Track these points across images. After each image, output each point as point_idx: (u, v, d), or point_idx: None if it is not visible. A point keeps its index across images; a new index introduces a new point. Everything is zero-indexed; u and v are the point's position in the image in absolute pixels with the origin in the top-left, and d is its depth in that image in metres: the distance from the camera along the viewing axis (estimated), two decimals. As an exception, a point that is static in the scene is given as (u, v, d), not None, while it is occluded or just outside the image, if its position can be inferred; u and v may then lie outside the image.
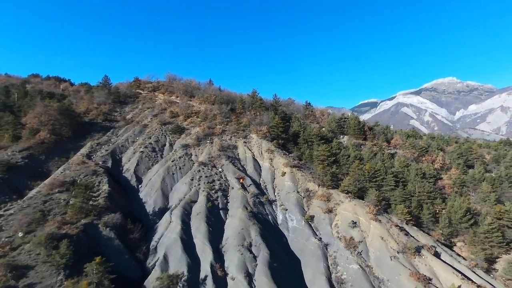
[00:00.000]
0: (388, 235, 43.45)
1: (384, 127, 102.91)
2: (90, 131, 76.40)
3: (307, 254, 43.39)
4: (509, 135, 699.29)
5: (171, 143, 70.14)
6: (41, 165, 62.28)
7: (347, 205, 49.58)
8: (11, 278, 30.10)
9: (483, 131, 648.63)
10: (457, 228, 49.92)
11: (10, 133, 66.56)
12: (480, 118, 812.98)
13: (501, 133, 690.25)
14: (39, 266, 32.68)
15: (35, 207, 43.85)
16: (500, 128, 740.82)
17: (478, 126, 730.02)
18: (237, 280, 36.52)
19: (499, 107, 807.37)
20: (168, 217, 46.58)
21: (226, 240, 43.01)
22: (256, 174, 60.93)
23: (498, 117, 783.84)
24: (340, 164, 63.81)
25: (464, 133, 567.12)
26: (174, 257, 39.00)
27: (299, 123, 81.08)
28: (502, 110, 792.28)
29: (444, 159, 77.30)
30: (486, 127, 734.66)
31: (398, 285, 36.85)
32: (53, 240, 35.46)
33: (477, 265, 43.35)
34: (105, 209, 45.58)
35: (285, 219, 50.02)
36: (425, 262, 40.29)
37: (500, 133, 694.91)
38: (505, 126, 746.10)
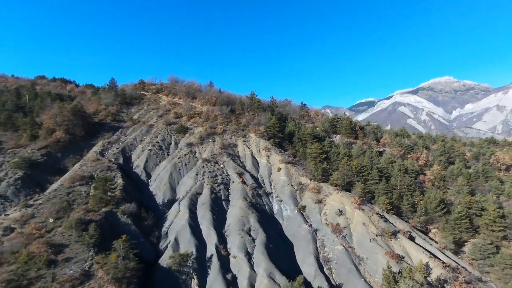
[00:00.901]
0: (369, 221, 49.88)
1: (375, 126, 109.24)
2: (101, 131, 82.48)
3: (299, 238, 49.81)
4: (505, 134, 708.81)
5: (176, 142, 76.26)
6: (58, 162, 68.42)
7: (335, 197, 55.99)
8: (51, 254, 36.27)
9: (479, 130, 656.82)
10: (432, 217, 56.47)
11: (28, 133, 72.41)
12: (477, 117, 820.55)
13: (497, 132, 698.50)
14: (72, 245, 38.91)
15: (61, 197, 49.97)
16: (496, 127, 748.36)
17: (474, 125, 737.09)
18: (238, 258, 42.83)
19: (495, 106, 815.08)
20: (176, 207, 52.83)
21: (228, 226, 49.32)
22: (254, 169, 67.26)
23: (494, 116, 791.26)
24: (331, 160, 70.13)
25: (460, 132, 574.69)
26: (184, 239, 45.24)
27: (294, 123, 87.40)
28: (498, 109, 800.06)
29: (427, 156, 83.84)
30: (482, 126, 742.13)
31: (375, 262, 43.31)
32: (82, 224, 41.69)
33: (446, 247, 49.92)
34: (121, 199, 51.76)
35: (280, 209, 56.41)
36: (400, 244, 46.77)
37: (496, 131, 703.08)
38: (501, 125, 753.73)
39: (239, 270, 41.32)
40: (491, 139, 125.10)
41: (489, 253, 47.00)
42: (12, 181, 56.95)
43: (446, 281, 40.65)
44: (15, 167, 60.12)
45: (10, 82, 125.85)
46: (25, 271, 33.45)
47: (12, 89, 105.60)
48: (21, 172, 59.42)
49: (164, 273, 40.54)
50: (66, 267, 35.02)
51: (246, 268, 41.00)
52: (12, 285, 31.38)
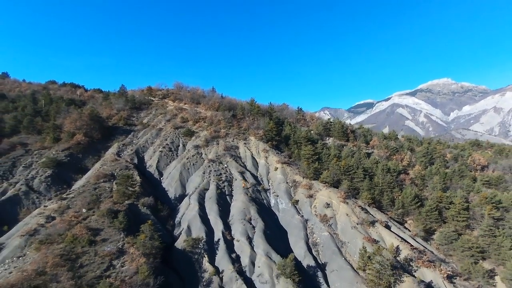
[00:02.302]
0: (352, 212, 58.62)
1: (366, 130, 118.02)
2: (115, 134, 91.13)
3: (292, 226, 58.55)
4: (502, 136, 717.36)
5: (184, 144, 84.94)
6: (80, 162, 77.09)
7: (324, 192, 64.74)
8: (91, 235, 44.91)
9: (476, 131, 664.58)
10: (408, 209, 65.25)
11: (51, 136, 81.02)
12: (474, 119, 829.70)
13: (494, 134, 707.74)
14: (106, 229, 47.59)
15: (89, 192, 58.66)
16: (493, 129, 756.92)
17: (471, 127, 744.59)
18: (241, 241, 51.50)
19: (492, 108, 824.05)
20: (187, 201, 61.50)
21: (232, 216, 58.02)
22: (254, 169, 76.00)
23: (491, 117, 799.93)
24: (322, 161, 78.81)
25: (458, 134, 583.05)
26: (195, 227, 53.90)
27: (290, 127, 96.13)
28: (495, 111, 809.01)
29: (411, 157, 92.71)
30: (479, 127, 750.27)
31: (355, 245, 52.02)
32: (111, 213, 50.39)
33: (417, 235, 58.71)
34: (140, 194, 60.41)
35: (277, 203, 65.13)
36: (376, 231, 55.51)
37: (493, 133, 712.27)
38: (498, 126, 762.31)
39: (242, 251, 50.02)
40: (475, 141, 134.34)
41: (452, 239, 55.76)
42: (43, 178, 65.68)
43: (412, 259, 49.42)
44: (44, 166, 68.74)
45: (23, 87, 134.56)
46: (72, 248, 42.14)
47: (28, 94, 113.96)
48: (49, 170, 68.09)
49: (180, 253, 49.21)
50: (104, 246, 43.74)
51: (248, 249, 49.73)
52: (64, 258, 40.02)
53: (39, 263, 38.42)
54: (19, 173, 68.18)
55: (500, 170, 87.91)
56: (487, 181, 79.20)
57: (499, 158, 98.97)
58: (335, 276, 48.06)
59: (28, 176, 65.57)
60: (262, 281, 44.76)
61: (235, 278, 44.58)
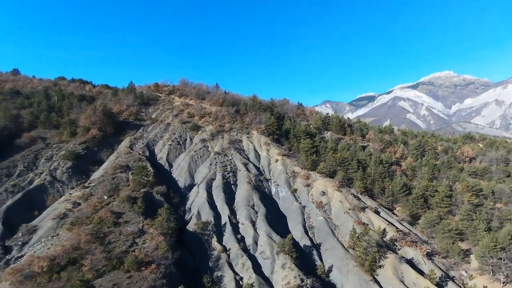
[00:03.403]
0: (345, 199, 64.99)
1: (362, 124, 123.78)
2: (126, 128, 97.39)
3: (291, 212, 65.04)
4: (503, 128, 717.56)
5: (191, 138, 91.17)
6: (95, 154, 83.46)
7: (320, 181, 71.05)
8: (114, 218, 51.52)
9: (477, 124, 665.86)
10: (397, 197, 71.54)
11: (68, 130, 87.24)
12: (475, 112, 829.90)
13: (495, 127, 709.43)
14: (126, 213, 54.21)
15: (109, 181, 65.23)
16: (494, 122, 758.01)
17: (473, 120, 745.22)
18: (245, 224, 58.05)
19: (494, 100, 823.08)
20: (196, 189, 68.00)
21: (237, 203, 64.50)
22: (257, 160, 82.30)
23: (492, 110, 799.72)
24: (319, 153, 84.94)
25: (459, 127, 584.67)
26: (204, 212, 60.42)
27: (291, 122, 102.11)
28: (496, 104, 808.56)
29: (404, 150, 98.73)
30: (480, 120, 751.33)
31: (346, 228, 58.48)
32: (130, 199, 56.99)
33: (404, 219, 65.18)
34: (154, 183, 66.90)
35: (277, 191, 71.55)
36: (366, 215, 61.92)
37: (494, 126, 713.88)
38: (499, 119, 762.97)
39: (246, 232, 56.58)
40: (468, 134, 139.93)
41: (434, 223, 62.12)
42: (64, 169, 72.25)
43: (396, 240, 55.89)
44: (64, 158, 75.23)
45: (35, 83, 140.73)
46: (99, 228, 48.75)
47: (41, 90, 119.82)
48: (70, 162, 74.59)
49: (191, 235, 55.82)
50: (127, 226, 50.39)
51: (251, 231, 56.29)
52: (94, 236, 46.65)
53: (73, 240, 45.08)
54: (42, 164, 74.73)
55: (487, 161, 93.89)
56: (474, 171, 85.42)
57: (489, 151, 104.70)
58: (328, 254, 54.66)
59: (51, 167, 72.11)
60: (264, 257, 51.35)
61: (240, 255, 51.20)
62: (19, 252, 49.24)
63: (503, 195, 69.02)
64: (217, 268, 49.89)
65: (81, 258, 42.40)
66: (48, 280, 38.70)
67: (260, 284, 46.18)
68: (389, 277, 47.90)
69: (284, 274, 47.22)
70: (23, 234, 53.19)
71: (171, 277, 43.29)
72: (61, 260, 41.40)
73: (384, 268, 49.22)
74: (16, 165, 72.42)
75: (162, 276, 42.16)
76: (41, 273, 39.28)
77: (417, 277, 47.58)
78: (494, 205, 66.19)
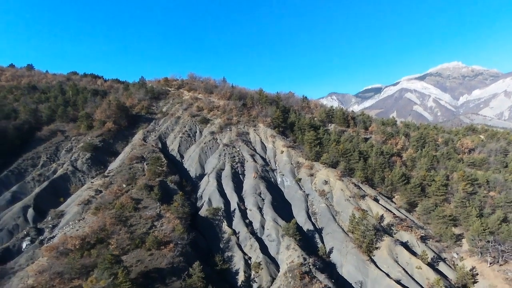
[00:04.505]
0: (346, 188, 69.40)
1: (366, 116, 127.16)
2: (138, 122, 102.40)
3: (295, 200, 69.72)
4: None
5: (200, 131, 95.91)
6: (111, 146, 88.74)
7: (323, 171, 75.42)
8: (134, 204, 56.71)
9: (485, 116, 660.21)
10: (396, 186, 75.69)
11: (85, 124, 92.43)
12: (484, 103, 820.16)
13: (504, 118, 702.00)
14: (144, 199, 59.39)
15: (126, 171, 70.44)
16: (503, 113, 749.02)
17: (481, 111, 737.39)
18: (253, 210, 62.92)
19: (503, 92, 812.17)
20: (207, 179, 72.92)
21: (245, 191, 69.33)
22: (263, 152, 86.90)
23: (501, 102, 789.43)
24: (323, 145, 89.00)
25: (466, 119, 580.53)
26: (215, 199, 65.36)
27: (295, 115, 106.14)
28: (505, 95, 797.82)
29: (405, 142, 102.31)
30: (489, 112, 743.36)
31: (346, 213, 63.02)
32: (147, 187, 62.15)
33: (401, 207, 69.41)
34: (167, 173, 71.97)
35: (282, 181, 76.20)
36: (366, 203, 66.33)
37: (503, 118, 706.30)
38: (508, 111, 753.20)
39: (254, 217, 61.50)
40: (470, 126, 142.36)
41: (430, 210, 66.28)
42: (84, 160, 77.65)
43: (393, 225, 60.34)
44: (83, 150, 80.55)
45: (49, 78, 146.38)
46: (121, 213, 53.99)
47: (56, 85, 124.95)
48: (88, 153, 79.90)
49: (203, 220, 60.87)
50: (146, 211, 55.61)
51: (258, 216, 61.20)
52: (117, 219, 51.89)
53: (99, 222, 50.38)
54: (63, 156, 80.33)
55: (486, 152, 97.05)
56: (472, 162, 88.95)
57: (490, 142, 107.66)
58: (329, 237, 59.37)
59: (72, 158, 77.53)
60: (270, 240, 56.27)
61: (248, 237, 56.18)
62: (50, 234, 54.88)
63: (497, 184, 72.68)
64: (227, 249, 54.98)
65: (107, 238, 47.78)
66: (80, 256, 44.02)
67: (266, 263, 51.17)
68: (384, 257, 52.51)
69: (288, 254, 52.07)
70: (52, 218, 58.87)
71: (187, 255, 48.40)
72: (91, 239, 46.79)
73: (380, 250, 53.81)
74: (40, 156, 78.13)
75: (179, 254, 47.33)
76: (74, 250, 44.66)
77: (410, 257, 52.13)
78: (488, 193, 70.04)
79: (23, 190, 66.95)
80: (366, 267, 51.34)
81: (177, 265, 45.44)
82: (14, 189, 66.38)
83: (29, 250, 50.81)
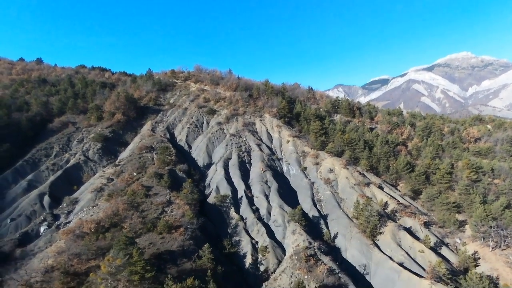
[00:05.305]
0: (351, 176, 70.64)
1: (371, 107, 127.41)
2: (147, 113, 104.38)
3: (301, 188, 71.25)
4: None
5: (207, 121, 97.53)
6: (120, 137, 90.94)
7: (328, 160, 76.68)
8: (145, 191, 58.81)
9: (494, 107, 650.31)
10: (400, 174, 76.65)
11: (95, 115, 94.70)
12: (493, 94, 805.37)
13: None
14: (155, 187, 61.48)
15: (136, 160, 72.57)
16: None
17: (490, 103, 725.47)
18: (259, 197, 64.66)
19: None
20: (214, 167, 74.73)
21: (252, 179, 71.03)
22: (269, 141, 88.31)
23: (511, 92, 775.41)
24: (328, 135, 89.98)
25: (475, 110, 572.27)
26: (222, 187, 67.20)
27: (301, 105, 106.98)
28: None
29: (410, 131, 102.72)
30: (498, 103, 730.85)
31: (351, 200, 64.41)
32: (157, 175, 64.17)
33: (405, 194, 70.49)
34: (176, 162, 73.93)
35: (288, 169, 77.70)
36: (370, 190, 67.57)
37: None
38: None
39: (260, 204, 63.27)
40: (477, 116, 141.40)
41: (434, 197, 67.24)
42: (95, 150, 79.99)
43: (397, 211, 61.60)
44: (94, 140, 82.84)
45: (58, 71, 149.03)
46: (133, 199, 56.15)
47: (65, 78, 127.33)
48: (99, 144, 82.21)
49: (212, 206, 62.80)
50: (156, 198, 57.73)
51: (265, 203, 62.96)
52: (129, 205, 54.09)
53: (113, 208, 52.63)
54: (74, 146, 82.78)
55: (492, 142, 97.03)
56: (478, 151, 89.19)
57: (496, 132, 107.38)
58: (334, 223, 60.94)
59: (83, 149, 79.98)
60: (277, 225, 58.05)
61: (255, 223, 58.02)
62: (66, 219, 57.40)
63: (502, 172, 73.17)
64: (235, 234, 56.92)
65: (121, 222, 50.06)
66: (95, 239, 46.31)
67: (273, 247, 53.02)
68: (387, 241, 53.95)
69: (294, 239, 53.82)
70: (67, 204, 61.39)
71: (196, 239, 50.43)
72: (105, 223, 49.09)
73: (384, 234, 55.24)
74: (53, 146, 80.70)
75: (189, 238, 49.40)
76: (90, 233, 46.98)
77: (413, 242, 53.47)
78: (492, 181, 70.69)
79: (38, 178, 69.59)
80: (369, 251, 52.87)
81: (187, 247, 47.51)
82: (30, 177, 69.05)
83: (46, 234, 53.36)
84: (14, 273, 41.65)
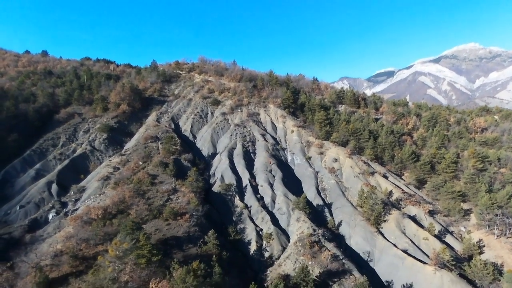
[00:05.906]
0: (355, 165, 70.63)
1: (377, 97, 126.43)
2: (152, 104, 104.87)
3: (305, 177, 71.45)
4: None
5: (212, 112, 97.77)
6: (126, 127, 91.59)
7: (333, 150, 76.64)
8: (151, 179, 59.45)
9: (502, 99, 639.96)
10: (405, 164, 76.42)
11: (101, 106, 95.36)
12: (501, 86, 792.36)
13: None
14: (160, 175, 62.13)
15: (142, 150, 73.21)
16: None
17: (498, 95, 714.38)
18: (264, 186, 65.04)
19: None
20: (219, 157, 75.13)
21: (256, 169, 71.34)
22: (273, 132, 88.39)
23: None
24: (333, 125, 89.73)
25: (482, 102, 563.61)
26: (227, 176, 67.64)
27: (306, 96, 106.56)
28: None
29: (416, 122, 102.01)
30: (506, 95, 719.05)
31: (355, 189, 64.51)
32: (163, 164, 64.76)
33: (410, 183, 70.36)
34: (181, 151, 74.46)
35: (293, 159, 77.84)
36: (375, 179, 67.56)
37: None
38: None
39: (265, 193, 63.68)
40: (484, 107, 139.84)
41: (439, 186, 67.06)
42: (101, 140, 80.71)
43: (401, 200, 61.64)
44: (100, 131, 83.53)
45: (63, 63, 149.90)
46: (139, 187, 56.86)
47: (71, 70, 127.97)
48: (105, 134, 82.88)
49: (216, 195, 63.33)
50: (162, 186, 58.39)
51: (269, 192, 63.34)
52: (135, 193, 54.80)
53: (119, 195, 53.35)
54: (81, 136, 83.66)
55: (499, 132, 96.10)
56: (484, 141, 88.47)
57: (503, 122, 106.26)
58: (338, 211, 61.18)
59: (89, 139, 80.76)
60: (281, 213, 58.50)
61: (260, 211, 58.53)
62: (73, 206, 58.33)
63: (508, 161, 72.64)
64: (240, 222, 57.48)
65: (127, 209, 50.83)
66: (103, 225, 47.14)
67: (277, 234, 53.51)
68: (392, 229, 54.15)
69: (298, 226, 54.23)
70: (74, 192, 62.33)
71: (201, 225, 51.07)
72: (112, 210, 49.89)
73: (388, 222, 55.41)
74: (59, 137, 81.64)
75: (195, 224, 50.06)
76: (97, 219, 47.80)
77: (417, 229, 53.61)
78: (498, 170, 70.22)
79: (45, 167, 70.58)
80: (374, 238, 53.14)
81: (193, 234, 48.17)
82: (38, 166, 70.07)
83: (55, 220, 54.35)
84: (25, 257, 42.68)
